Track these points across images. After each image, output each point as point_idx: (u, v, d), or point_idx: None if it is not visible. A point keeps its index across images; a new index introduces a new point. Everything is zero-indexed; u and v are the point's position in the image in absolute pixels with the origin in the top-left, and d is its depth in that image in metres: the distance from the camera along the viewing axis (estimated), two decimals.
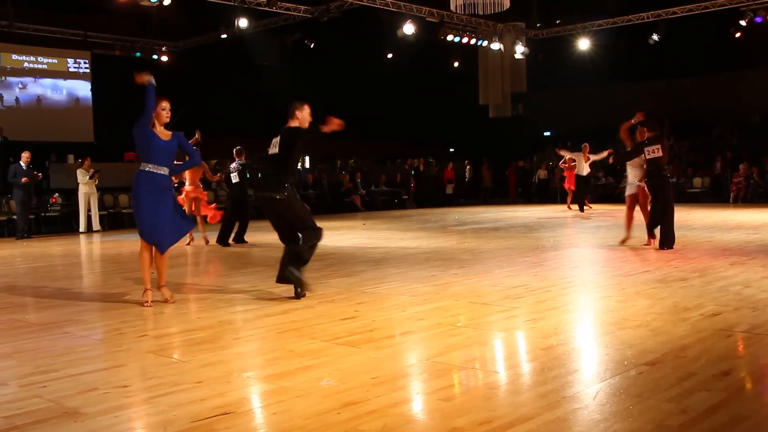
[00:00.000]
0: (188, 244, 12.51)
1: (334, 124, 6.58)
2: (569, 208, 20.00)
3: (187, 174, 12.42)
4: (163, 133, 6.73)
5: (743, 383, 4.13)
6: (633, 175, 10.82)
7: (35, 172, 15.74)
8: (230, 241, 12.54)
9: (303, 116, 6.89)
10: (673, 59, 26.17)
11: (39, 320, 6.18)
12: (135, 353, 4.93)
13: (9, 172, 15.61)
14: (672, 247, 10.04)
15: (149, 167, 6.65)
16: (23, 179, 15.13)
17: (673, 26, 23.48)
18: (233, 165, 12.82)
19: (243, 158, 12.88)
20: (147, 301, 6.68)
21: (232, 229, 12.66)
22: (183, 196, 12.34)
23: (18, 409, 3.76)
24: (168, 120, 6.81)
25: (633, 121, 10.46)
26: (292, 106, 6.92)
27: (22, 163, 15.34)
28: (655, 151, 9.94)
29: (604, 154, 18.28)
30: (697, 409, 3.55)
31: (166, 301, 6.78)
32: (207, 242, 12.55)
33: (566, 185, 19.88)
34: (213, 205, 14.10)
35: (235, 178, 12.79)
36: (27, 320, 6.21)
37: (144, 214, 6.64)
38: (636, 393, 3.82)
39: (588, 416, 3.52)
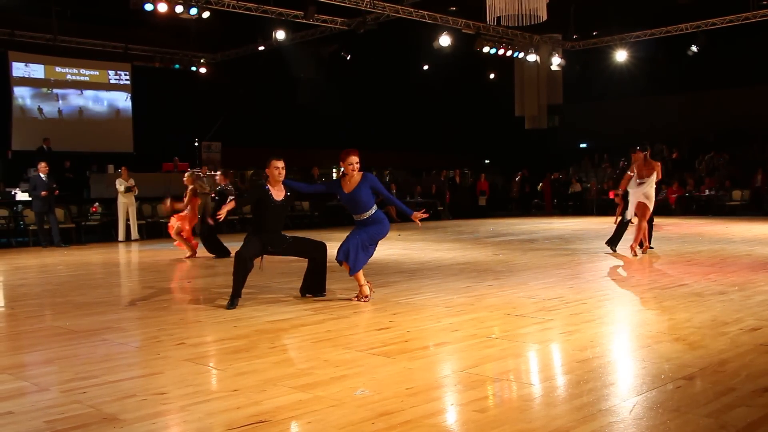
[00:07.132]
0: (188, 257, 12.41)
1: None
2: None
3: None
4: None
5: None
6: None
7: (53, 185, 15.56)
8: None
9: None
10: (712, 71, 25.80)
11: (79, 327, 6.29)
12: (172, 361, 4.99)
13: (29, 183, 15.82)
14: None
15: None
16: (42, 192, 15.20)
17: (712, 37, 23.19)
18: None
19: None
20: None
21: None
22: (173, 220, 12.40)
23: (59, 414, 3.84)
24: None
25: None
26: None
27: (41, 174, 15.39)
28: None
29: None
30: (736, 425, 3.50)
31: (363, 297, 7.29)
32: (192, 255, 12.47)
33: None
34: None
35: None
36: (68, 327, 6.32)
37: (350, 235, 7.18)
38: (673, 408, 3.78)
39: (624, 430, 3.49)
